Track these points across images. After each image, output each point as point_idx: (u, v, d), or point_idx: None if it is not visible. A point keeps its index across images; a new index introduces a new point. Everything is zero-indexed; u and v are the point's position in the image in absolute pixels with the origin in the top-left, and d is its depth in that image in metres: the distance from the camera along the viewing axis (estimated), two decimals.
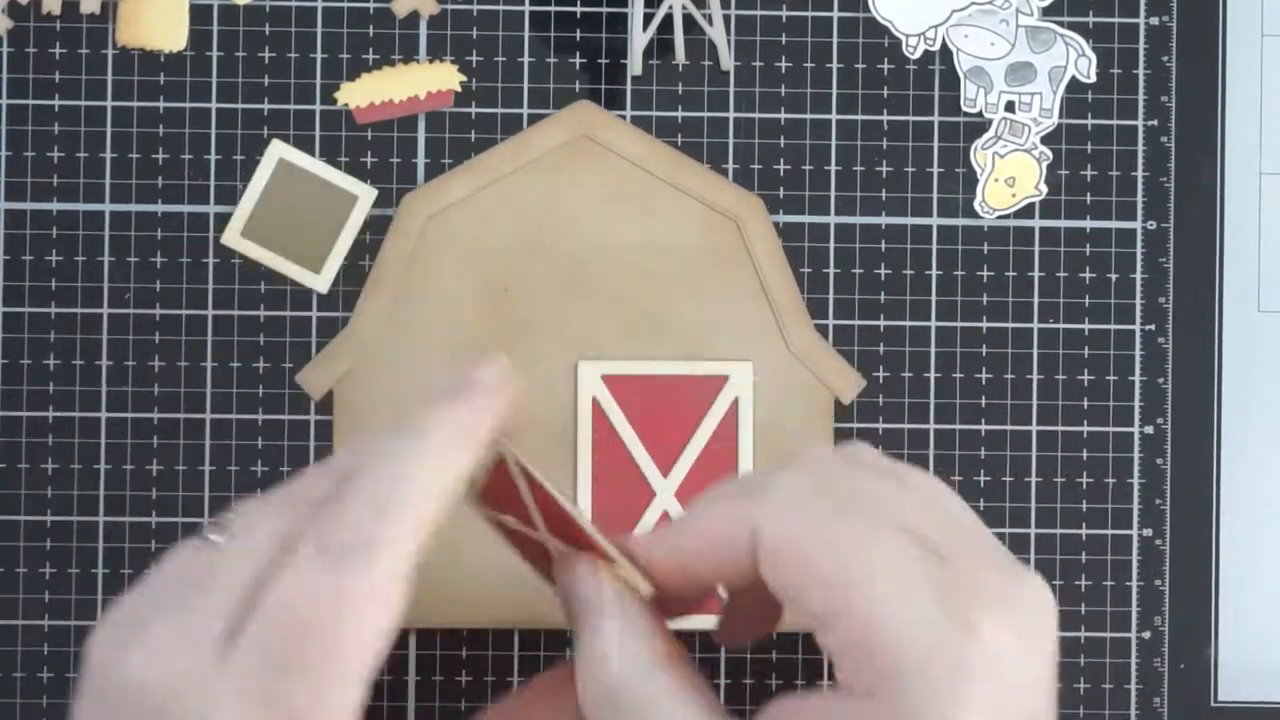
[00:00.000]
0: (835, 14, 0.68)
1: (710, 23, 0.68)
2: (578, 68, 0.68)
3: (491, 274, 0.67)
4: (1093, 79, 0.69)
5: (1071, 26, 0.69)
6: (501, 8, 0.68)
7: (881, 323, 0.68)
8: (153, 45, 0.67)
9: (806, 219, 0.68)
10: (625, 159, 0.67)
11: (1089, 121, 0.69)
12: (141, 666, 0.37)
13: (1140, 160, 0.69)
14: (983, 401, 0.68)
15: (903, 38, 0.68)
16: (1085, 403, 0.68)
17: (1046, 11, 0.69)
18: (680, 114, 0.68)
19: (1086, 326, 0.68)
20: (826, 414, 0.67)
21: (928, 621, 0.38)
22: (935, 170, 0.69)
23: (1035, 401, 0.68)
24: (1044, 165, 0.69)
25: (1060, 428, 0.68)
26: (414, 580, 0.38)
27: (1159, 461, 0.68)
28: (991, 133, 0.69)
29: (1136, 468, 0.68)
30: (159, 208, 0.67)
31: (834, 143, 0.68)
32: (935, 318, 0.68)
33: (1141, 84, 0.69)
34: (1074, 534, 0.68)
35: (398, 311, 0.67)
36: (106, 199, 0.67)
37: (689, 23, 0.68)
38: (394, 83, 0.67)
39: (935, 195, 0.68)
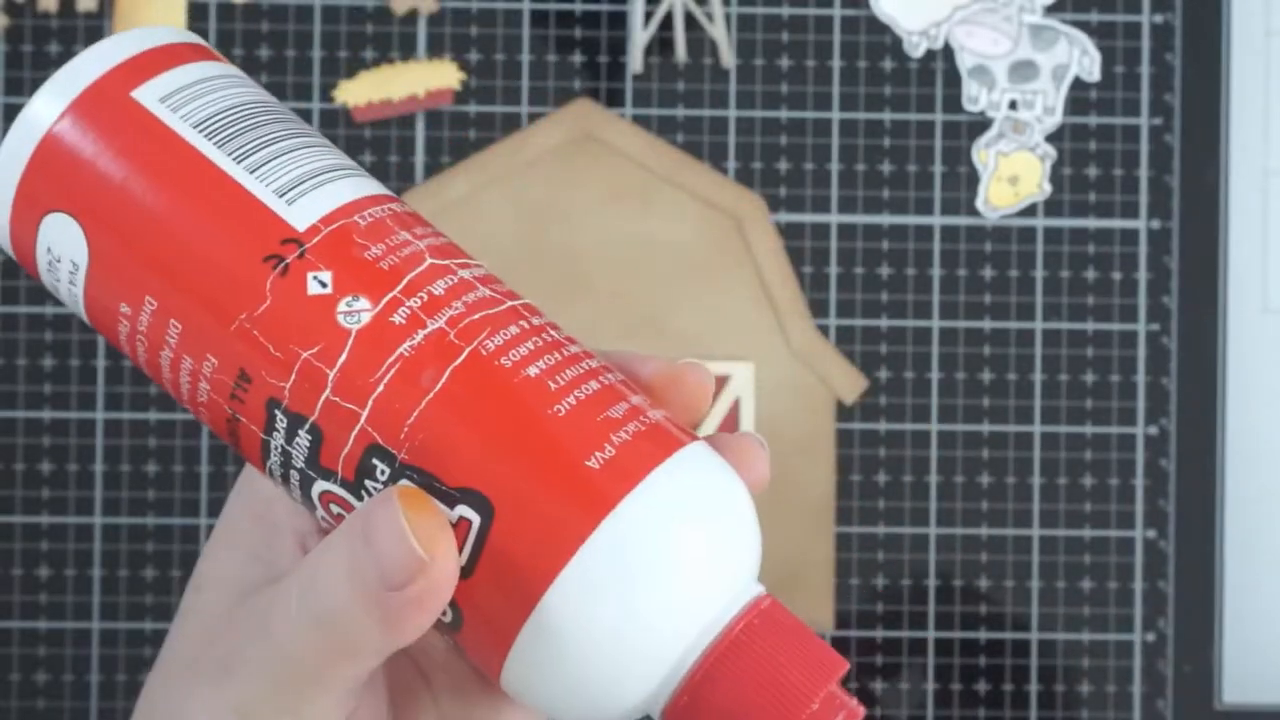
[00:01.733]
0: (837, 11, 0.68)
1: (711, 20, 0.67)
2: (577, 66, 0.68)
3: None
4: (1096, 77, 0.68)
5: (1075, 24, 0.69)
6: (501, 5, 0.68)
7: (884, 322, 0.68)
8: None
9: (808, 218, 0.68)
10: (625, 157, 0.67)
11: (1092, 120, 0.69)
12: None
13: (1144, 159, 0.68)
14: (985, 402, 0.68)
15: (905, 36, 0.68)
16: (1088, 403, 0.68)
17: (1050, 9, 0.68)
18: (681, 112, 0.68)
19: (1090, 326, 0.68)
20: (828, 414, 0.67)
21: None
22: (938, 169, 0.68)
23: (1038, 402, 0.68)
24: (1047, 164, 0.68)
25: (1063, 428, 0.68)
26: None
27: (1163, 462, 0.68)
28: (994, 131, 0.68)
29: (1140, 469, 0.68)
30: None
31: (836, 141, 0.68)
32: (938, 317, 0.68)
33: (1145, 82, 0.69)
34: (1077, 535, 0.68)
35: None
36: None
37: (690, 20, 0.67)
38: (393, 81, 0.67)
39: (938, 194, 0.68)
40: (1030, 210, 0.68)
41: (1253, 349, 0.69)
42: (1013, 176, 0.68)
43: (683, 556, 0.30)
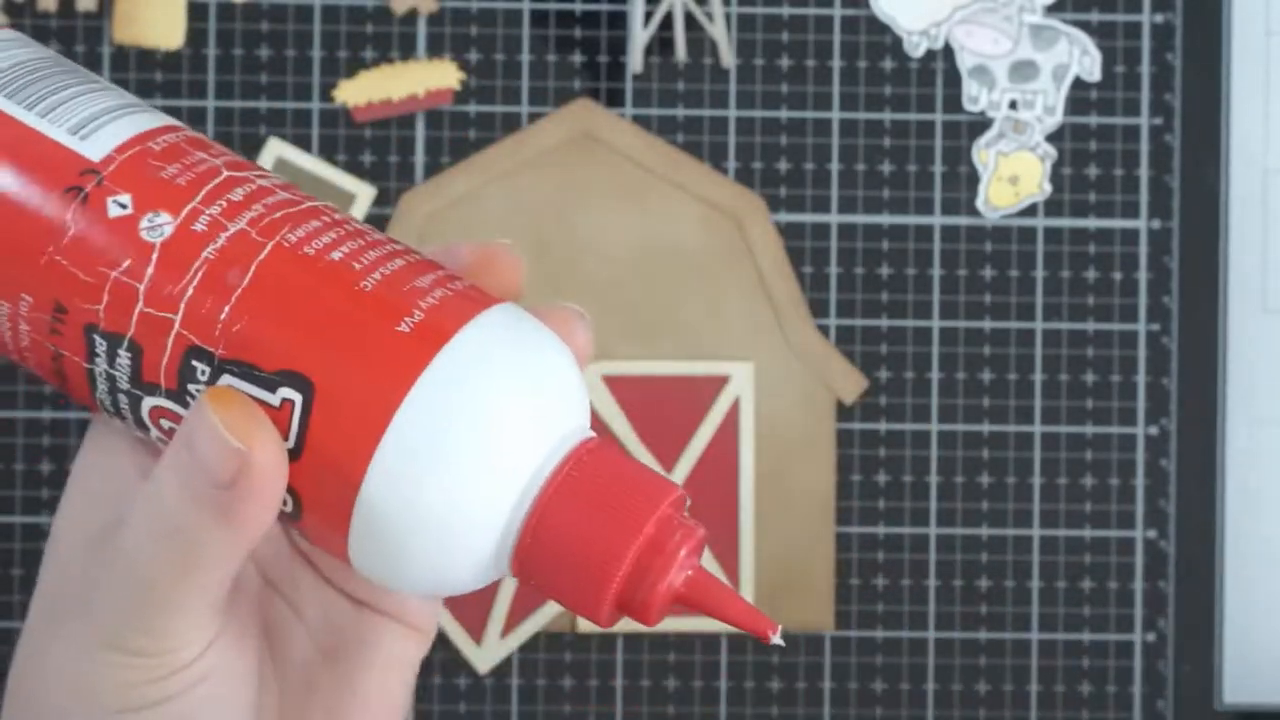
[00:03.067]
0: (837, 11, 0.68)
1: (711, 20, 0.67)
2: (577, 65, 0.68)
3: None
4: (1097, 77, 0.68)
5: (1075, 24, 0.69)
6: (501, 5, 0.68)
7: (884, 322, 0.68)
8: (150, 43, 0.67)
9: (808, 218, 0.68)
10: (625, 157, 0.67)
11: (1092, 119, 0.69)
12: None
13: (1144, 158, 0.68)
14: (986, 402, 0.68)
15: (905, 36, 0.68)
16: (1089, 403, 0.68)
17: (1050, 9, 0.68)
18: (681, 112, 0.68)
19: (1090, 326, 0.68)
20: (828, 414, 0.67)
21: None
22: (938, 169, 0.68)
23: (1038, 402, 0.68)
24: (1047, 164, 0.68)
25: (1064, 428, 0.68)
26: None
27: (1163, 463, 0.68)
28: (994, 131, 0.68)
29: (1140, 469, 0.68)
30: None
31: (836, 141, 0.68)
32: (938, 317, 0.68)
33: (1145, 82, 0.69)
34: (1077, 536, 0.68)
35: None
36: None
37: (690, 20, 0.67)
38: (392, 81, 0.67)
39: (938, 194, 0.68)
40: (1030, 210, 0.68)
41: (1253, 349, 0.69)
42: (1013, 176, 0.68)
43: (498, 408, 0.30)
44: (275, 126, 0.67)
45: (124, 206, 0.31)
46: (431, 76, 0.67)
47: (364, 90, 0.67)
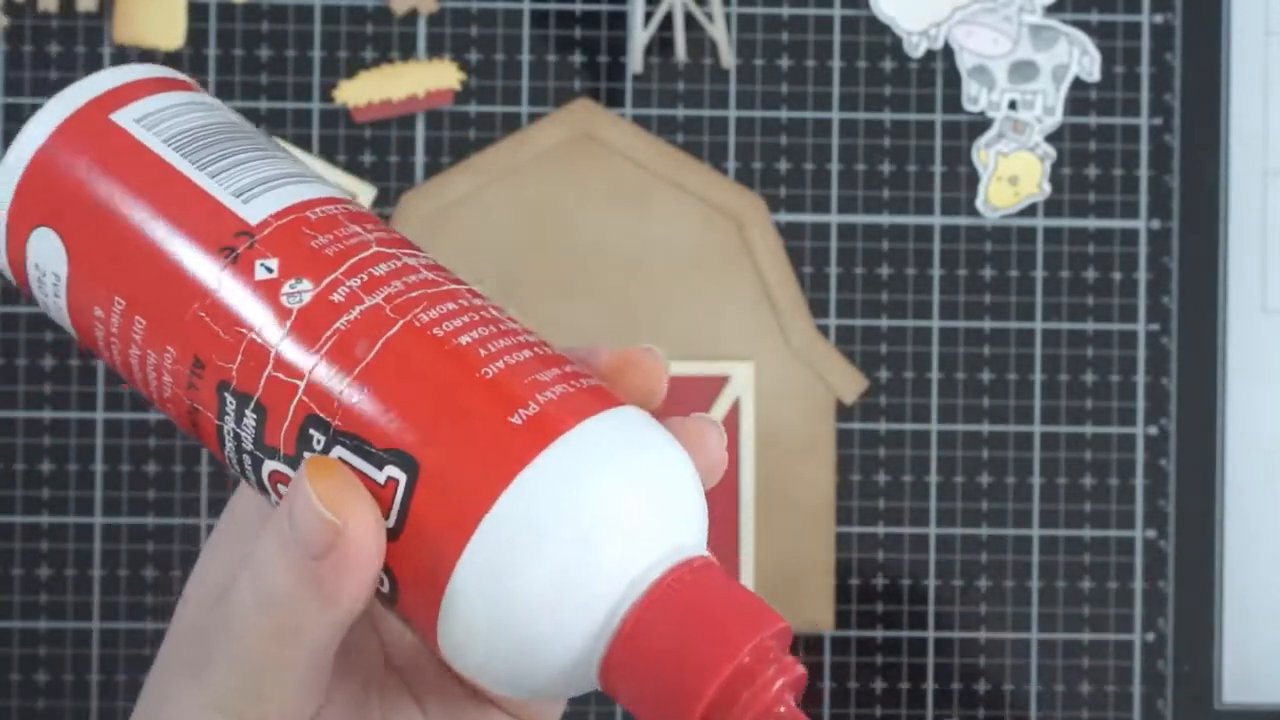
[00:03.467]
0: (837, 12, 0.68)
1: (711, 20, 0.67)
2: (577, 66, 0.68)
3: (491, 273, 0.67)
4: (1096, 77, 0.68)
5: (1075, 24, 0.69)
6: (501, 5, 0.68)
7: (884, 322, 0.68)
8: (150, 43, 0.67)
9: (808, 218, 0.68)
10: (625, 157, 0.67)
11: (1092, 120, 0.69)
12: None
13: (1144, 159, 0.68)
14: (985, 402, 0.68)
15: (905, 36, 0.68)
16: (1088, 403, 0.68)
17: (1050, 9, 0.68)
18: (681, 112, 0.68)
19: (1090, 326, 0.68)
20: (828, 414, 0.67)
21: None
22: (938, 169, 0.68)
23: (1038, 402, 0.68)
24: (1047, 164, 0.68)
25: (1063, 428, 0.68)
26: None
27: (1162, 462, 0.68)
28: (994, 131, 0.68)
29: (1140, 469, 0.68)
30: None
31: (836, 141, 0.68)
32: (938, 317, 0.68)
33: (1145, 82, 0.69)
34: (1077, 535, 0.68)
35: None
36: None
37: (690, 20, 0.67)
38: (392, 81, 0.67)
39: (938, 194, 0.68)
40: (1030, 210, 0.68)
41: (1252, 348, 0.69)
42: (1013, 176, 0.68)
43: (600, 510, 0.29)
44: (275, 126, 0.67)
45: (270, 270, 0.32)
46: (431, 76, 0.67)
47: (364, 90, 0.67)
